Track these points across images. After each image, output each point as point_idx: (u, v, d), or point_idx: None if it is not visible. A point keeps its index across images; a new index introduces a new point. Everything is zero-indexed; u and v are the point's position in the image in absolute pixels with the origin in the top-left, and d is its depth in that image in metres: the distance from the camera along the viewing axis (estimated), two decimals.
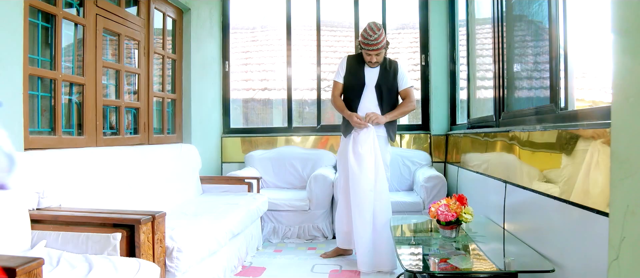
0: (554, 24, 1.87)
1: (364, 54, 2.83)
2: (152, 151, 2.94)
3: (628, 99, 0.86)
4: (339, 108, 2.94)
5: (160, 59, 3.45)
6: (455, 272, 1.70)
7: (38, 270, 1.26)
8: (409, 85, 2.95)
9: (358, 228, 2.75)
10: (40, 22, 2.26)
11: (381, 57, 2.85)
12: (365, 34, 2.75)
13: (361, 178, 2.74)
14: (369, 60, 2.84)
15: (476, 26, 3.39)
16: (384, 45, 2.80)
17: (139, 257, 1.78)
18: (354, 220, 2.78)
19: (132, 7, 3.09)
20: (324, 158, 4.08)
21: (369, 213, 2.73)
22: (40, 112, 2.29)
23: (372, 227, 2.74)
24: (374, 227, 2.75)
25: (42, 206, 1.96)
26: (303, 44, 4.51)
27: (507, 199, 2.27)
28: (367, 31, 2.75)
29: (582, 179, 1.48)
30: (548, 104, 1.92)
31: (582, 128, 1.49)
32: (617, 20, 0.91)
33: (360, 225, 2.74)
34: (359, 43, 2.86)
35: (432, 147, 4.18)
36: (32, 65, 2.14)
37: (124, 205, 2.40)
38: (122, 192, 2.48)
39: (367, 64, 2.88)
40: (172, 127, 3.66)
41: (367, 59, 2.84)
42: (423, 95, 4.30)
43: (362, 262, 2.75)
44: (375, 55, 2.81)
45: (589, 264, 1.45)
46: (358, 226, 2.75)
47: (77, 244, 1.82)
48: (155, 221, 1.88)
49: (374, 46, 2.75)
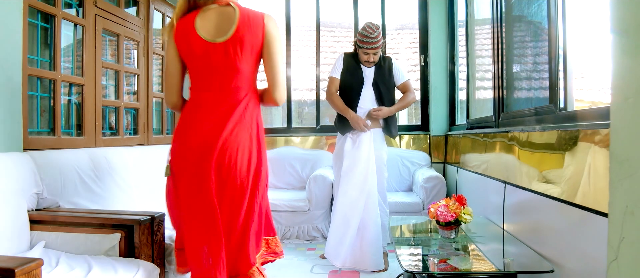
0: (553, 25, 1.88)
1: (362, 53, 2.82)
2: (151, 152, 2.94)
3: (627, 100, 0.86)
4: (339, 107, 2.88)
5: (160, 59, 3.44)
6: (454, 273, 1.70)
7: (37, 271, 1.25)
8: (406, 79, 2.95)
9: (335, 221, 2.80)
10: (40, 23, 2.25)
11: (377, 57, 2.85)
12: (365, 32, 2.76)
13: (352, 179, 2.75)
14: (366, 59, 2.83)
15: (475, 26, 3.39)
16: (381, 45, 2.82)
17: (138, 258, 1.78)
18: (334, 212, 2.84)
19: (131, 8, 3.09)
20: (324, 158, 4.07)
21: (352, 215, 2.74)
22: (40, 113, 2.28)
23: (350, 224, 2.74)
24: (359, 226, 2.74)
25: (41, 207, 1.96)
26: (302, 44, 4.52)
27: (506, 200, 2.27)
28: (366, 29, 2.75)
29: (581, 180, 1.48)
30: (547, 104, 1.92)
31: (582, 128, 1.50)
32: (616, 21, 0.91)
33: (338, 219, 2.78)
34: (355, 42, 2.86)
35: (431, 148, 4.18)
36: (32, 66, 2.14)
37: (123, 206, 2.40)
38: (121, 192, 2.48)
39: (363, 63, 2.87)
40: (172, 128, 3.66)
41: (365, 58, 2.83)
42: (422, 96, 4.30)
43: (328, 253, 2.82)
44: (373, 54, 2.81)
45: (588, 265, 1.45)
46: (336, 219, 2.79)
47: (76, 245, 1.82)
48: (154, 222, 1.88)
49: (373, 44, 2.75)
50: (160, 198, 2.85)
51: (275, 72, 1.65)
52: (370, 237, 2.73)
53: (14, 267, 1.18)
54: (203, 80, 1.62)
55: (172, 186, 1.65)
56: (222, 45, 1.57)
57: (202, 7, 1.62)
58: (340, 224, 2.76)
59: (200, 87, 1.63)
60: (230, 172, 1.55)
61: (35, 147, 2.13)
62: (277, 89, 1.67)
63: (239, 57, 1.58)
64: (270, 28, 1.63)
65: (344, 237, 2.73)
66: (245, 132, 1.59)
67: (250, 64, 1.62)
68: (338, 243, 2.75)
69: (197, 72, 1.62)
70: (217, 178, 1.54)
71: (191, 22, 1.59)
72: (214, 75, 1.60)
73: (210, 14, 1.61)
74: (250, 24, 1.59)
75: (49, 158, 2.05)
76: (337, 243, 2.76)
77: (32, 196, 1.90)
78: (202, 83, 1.62)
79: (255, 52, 1.62)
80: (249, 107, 1.62)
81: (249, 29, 1.59)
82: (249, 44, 1.59)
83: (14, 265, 1.19)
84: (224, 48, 1.57)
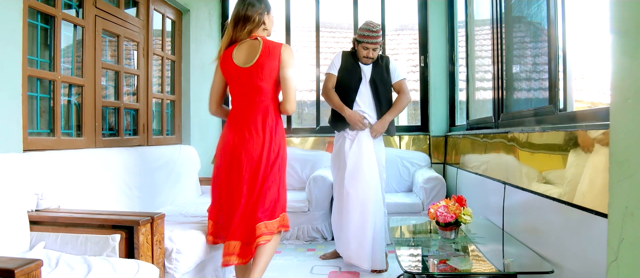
0: (552, 25, 1.88)
1: (361, 48, 2.82)
2: (151, 152, 2.94)
3: (627, 100, 0.86)
4: (336, 104, 2.85)
5: (160, 60, 3.45)
6: (454, 273, 1.70)
7: (37, 272, 1.25)
8: (402, 78, 2.94)
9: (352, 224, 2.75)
10: (40, 23, 2.26)
11: (376, 54, 2.85)
12: (366, 27, 2.78)
13: (360, 178, 2.73)
14: (365, 55, 2.82)
15: (475, 27, 3.40)
16: (380, 43, 2.84)
17: (138, 259, 1.78)
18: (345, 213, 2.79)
19: (131, 8, 3.09)
20: (323, 159, 4.07)
21: (367, 214, 2.72)
22: (39, 113, 2.28)
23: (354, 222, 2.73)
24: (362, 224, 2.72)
25: (41, 207, 1.95)
26: (302, 45, 4.52)
27: (506, 200, 2.27)
28: (368, 24, 2.78)
29: (581, 180, 1.49)
30: (547, 105, 1.92)
31: (581, 129, 1.50)
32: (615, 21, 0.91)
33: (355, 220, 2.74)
34: (355, 39, 2.87)
35: (431, 148, 4.18)
36: (31, 67, 2.14)
37: (122, 206, 2.40)
38: (121, 193, 2.48)
39: (361, 59, 2.87)
40: (171, 128, 3.66)
41: (364, 53, 2.83)
42: (422, 97, 4.30)
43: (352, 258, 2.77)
44: (373, 50, 2.81)
45: (587, 265, 1.45)
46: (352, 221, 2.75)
47: (76, 245, 1.82)
48: (154, 222, 1.88)
49: (374, 39, 2.77)
50: (160, 198, 2.86)
51: (286, 90, 2.12)
52: (379, 234, 2.74)
53: (13, 267, 1.18)
54: (237, 96, 2.16)
55: (215, 171, 2.19)
56: (248, 69, 2.09)
57: (239, 42, 2.16)
58: (358, 227, 2.72)
59: (235, 101, 2.18)
60: (251, 161, 2.08)
61: (35, 147, 2.13)
62: (287, 102, 2.14)
63: (260, 78, 2.08)
64: (285, 56, 2.11)
65: (364, 239, 2.71)
66: (264, 133, 2.10)
67: (270, 84, 2.11)
68: (359, 246, 2.72)
69: (233, 89, 2.18)
70: (242, 165, 2.08)
71: (230, 52, 2.15)
72: (243, 92, 2.13)
73: (243, 46, 2.15)
74: (270, 52, 2.09)
75: (49, 159, 2.05)
76: (358, 245, 2.72)
77: (32, 197, 1.89)
78: (237, 97, 2.16)
79: (274, 74, 2.10)
80: (269, 115, 2.13)
81: (269, 56, 2.08)
82: (268, 68, 2.08)
83: (14, 265, 1.19)
84: (250, 72, 2.09)
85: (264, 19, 2.18)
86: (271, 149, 2.11)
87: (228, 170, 2.11)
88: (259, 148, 2.08)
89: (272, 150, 2.11)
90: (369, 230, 2.70)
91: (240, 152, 2.08)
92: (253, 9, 2.13)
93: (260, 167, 2.07)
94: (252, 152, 2.08)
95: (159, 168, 2.94)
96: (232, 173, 2.10)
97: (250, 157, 2.08)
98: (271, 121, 2.13)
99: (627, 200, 0.85)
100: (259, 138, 2.09)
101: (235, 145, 2.10)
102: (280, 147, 2.16)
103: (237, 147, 2.09)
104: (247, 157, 2.08)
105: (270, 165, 2.10)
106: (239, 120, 2.13)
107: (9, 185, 1.75)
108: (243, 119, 2.12)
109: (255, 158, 2.07)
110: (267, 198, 2.07)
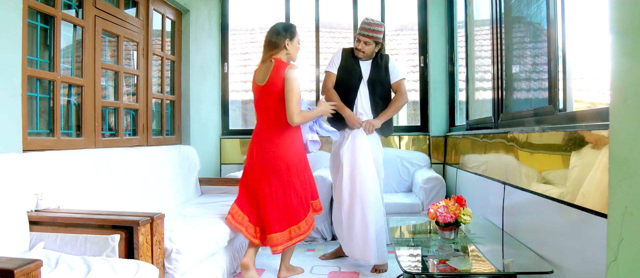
0: (552, 25, 1.88)
1: (355, 40, 2.84)
2: (150, 152, 2.94)
3: (626, 100, 0.86)
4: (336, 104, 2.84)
5: (159, 60, 3.45)
6: (454, 274, 1.70)
7: (36, 272, 1.25)
8: (401, 78, 2.91)
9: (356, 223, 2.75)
10: (39, 24, 2.25)
11: (369, 49, 2.81)
12: (365, 20, 2.79)
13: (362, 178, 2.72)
14: (356, 46, 2.83)
15: (475, 27, 3.39)
16: (376, 41, 2.80)
17: (138, 259, 1.78)
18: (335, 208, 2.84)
19: (131, 9, 3.09)
20: (323, 159, 4.07)
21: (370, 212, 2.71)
22: (39, 114, 2.28)
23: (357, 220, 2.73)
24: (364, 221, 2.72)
25: (40, 208, 1.95)
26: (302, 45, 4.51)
27: (505, 200, 2.27)
28: (367, 18, 2.80)
29: (580, 181, 1.49)
30: (547, 105, 1.92)
31: (581, 129, 1.50)
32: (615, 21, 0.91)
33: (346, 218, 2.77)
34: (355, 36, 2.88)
35: (431, 149, 4.18)
36: (31, 67, 2.14)
37: (122, 206, 2.40)
38: (121, 193, 2.48)
39: (355, 52, 2.86)
40: (171, 129, 3.66)
41: (355, 45, 2.84)
42: (422, 97, 4.30)
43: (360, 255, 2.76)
44: (364, 43, 2.79)
45: (587, 266, 1.45)
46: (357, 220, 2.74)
47: (76, 246, 1.82)
48: (154, 222, 1.88)
49: (365, 31, 2.76)
50: (160, 199, 2.86)
51: (289, 104, 2.43)
52: (380, 230, 2.74)
53: (13, 268, 1.18)
54: (257, 110, 2.61)
55: (244, 171, 2.65)
56: (262, 87, 2.51)
57: (262, 63, 2.58)
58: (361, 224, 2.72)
59: (256, 114, 2.63)
60: (264, 166, 2.52)
61: (35, 148, 2.13)
62: (289, 115, 2.44)
63: (269, 94, 2.48)
64: (288, 75, 2.42)
65: (368, 235, 2.70)
66: (274, 141, 2.51)
67: (278, 100, 2.47)
68: (364, 243, 2.71)
69: (254, 104, 2.64)
70: (258, 169, 2.54)
71: (255, 72, 2.61)
72: (260, 107, 2.57)
73: (262, 66, 2.57)
74: (278, 72, 2.45)
75: (49, 159, 2.05)
76: (363, 242, 2.72)
77: (32, 197, 1.89)
78: (257, 112, 2.62)
79: (281, 92, 2.44)
80: (277, 126, 2.51)
81: (276, 75, 2.45)
82: (276, 86, 2.45)
83: (14, 266, 1.19)
84: (263, 89, 2.50)
85: (286, 44, 2.52)
86: (280, 155, 2.50)
87: (250, 173, 2.59)
88: (269, 158, 2.49)
89: (280, 159, 2.49)
90: (371, 226, 2.70)
91: (259, 161, 2.52)
92: (278, 36, 2.52)
93: (271, 176, 2.50)
94: (264, 157, 2.51)
95: (159, 168, 2.94)
96: (254, 177, 2.56)
97: (263, 167, 2.51)
98: (278, 131, 2.50)
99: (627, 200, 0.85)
100: (269, 149, 2.50)
101: (252, 152, 2.57)
102: (289, 157, 2.51)
103: (255, 153, 2.55)
104: (260, 166, 2.52)
105: (279, 174, 2.50)
106: (258, 132, 2.58)
107: (8, 185, 1.75)
108: (260, 131, 2.56)
109: (267, 167, 2.50)
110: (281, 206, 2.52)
